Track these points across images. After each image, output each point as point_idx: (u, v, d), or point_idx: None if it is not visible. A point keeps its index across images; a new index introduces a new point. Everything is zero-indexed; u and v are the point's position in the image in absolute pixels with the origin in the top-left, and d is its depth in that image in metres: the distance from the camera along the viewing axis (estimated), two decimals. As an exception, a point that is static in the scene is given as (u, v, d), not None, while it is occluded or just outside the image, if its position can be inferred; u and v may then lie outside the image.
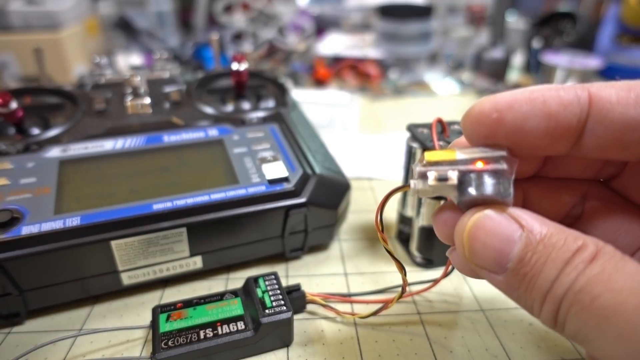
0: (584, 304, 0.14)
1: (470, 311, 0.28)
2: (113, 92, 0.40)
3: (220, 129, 0.35)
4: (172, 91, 0.40)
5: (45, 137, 0.33)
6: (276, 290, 0.26)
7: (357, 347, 0.26)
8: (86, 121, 0.35)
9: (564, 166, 0.20)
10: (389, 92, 0.75)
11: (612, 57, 0.86)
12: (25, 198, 0.28)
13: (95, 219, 0.26)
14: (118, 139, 0.33)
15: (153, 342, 0.23)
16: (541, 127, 0.16)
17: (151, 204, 0.28)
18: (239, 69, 0.38)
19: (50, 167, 0.30)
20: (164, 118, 0.36)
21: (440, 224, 0.18)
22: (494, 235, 0.15)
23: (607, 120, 0.16)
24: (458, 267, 0.19)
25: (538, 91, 0.16)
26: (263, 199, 0.29)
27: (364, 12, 1.00)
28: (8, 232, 0.25)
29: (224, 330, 0.24)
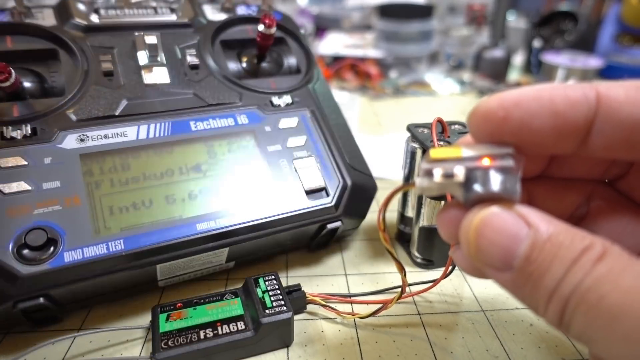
0: (591, 303, 0.13)
1: (470, 312, 0.28)
2: (117, 43, 0.32)
3: (250, 115, 0.32)
4: (188, 50, 0.34)
5: (52, 108, 0.28)
6: (276, 291, 0.26)
7: (357, 348, 0.25)
8: (96, 90, 0.30)
9: (570, 166, 0.20)
10: (389, 91, 0.75)
11: (613, 56, 0.86)
12: (56, 211, 0.25)
13: (140, 244, 0.25)
14: (140, 123, 0.29)
15: (153, 342, 0.23)
16: (548, 125, 0.16)
17: (194, 224, 0.27)
18: (267, 33, 0.34)
19: (72, 164, 0.26)
20: (186, 92, 0.32)
21: (445, 222, 0.18)
22: (501, 232, 0.15)
23: (615, 119, 0.16)
24: (462, 266, 0.18)
25: (545, 89, 0.16)
26: (303, 215, 0.29)
27: (364, 11, 0.99)
28: (50, 262, 0.23)
29: (224, 331, 0.24)
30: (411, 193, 0.32)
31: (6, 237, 0.23)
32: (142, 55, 0.32)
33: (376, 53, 0.82)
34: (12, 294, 0.22)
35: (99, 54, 0.31)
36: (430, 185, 0.16)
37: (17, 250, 0.23)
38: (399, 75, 0.81)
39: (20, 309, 0.23)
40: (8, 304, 0.23)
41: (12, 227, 0.23)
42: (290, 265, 0.32)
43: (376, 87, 0.76)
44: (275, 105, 0.33)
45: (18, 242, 0.23)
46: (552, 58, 0.78)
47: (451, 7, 0.94)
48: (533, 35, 0.88)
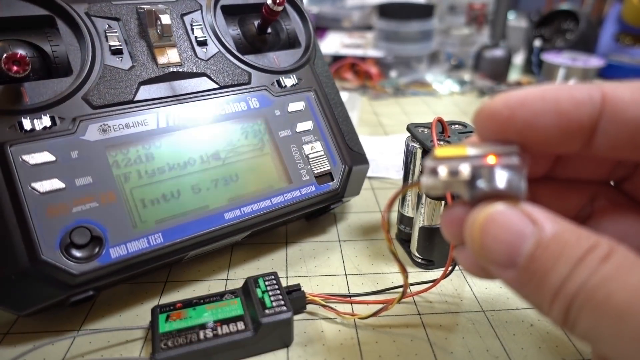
0: (598, 302, 0.13)
1: (471, 312, 0.28)
2: (120, 13, 0.30)
3: (260, 98, 0.32)
4: (194, 23, 0.32)
5: (65, 93, 0.26)
6: (276, 291, 0.26)
7: (357, 348, 0.25)
8: (108, 70, 0.28)
9: (574, 167, 0.20)
10: (390, 91, 0.75)
11: (613, 56, 0.86)
12: (93, 208, 0.25)
13: (176, 236, 0.26)
14: (159, 109, 0.28)
15: (153, 343, 0.23)
16: (553, 125, 0.16)
17: (222, 214, 0.28)
18: (275, 10, 0.32)
19: (99, 157, 0.26)
20: (198, 72, 0.31)
21: (449, 222, 0.18)
22: (506, 229, 0.15)
23: (620, 119, 0.16)
24: (465, 266, 0.18)
25: (551, 89, 0.16)
26: (313, 200, 0.32)
27: (364, 11, 0.99)
28: (99, 259, 0.24)
29: (223, 331, 0.24)
30: (411, 193, 0.32)
31: (52, 237, 0.23)
32: (153, 32, 0.30)
33: (376, 53, 0.82)
34: (66, 291, 0.23)
35: (104, 27, 0.29)
36: (435, 183, 0.16)
37: (65, 250, 0.23)
38: (399, 75, 0.81)
39: (72, 301, 0.24)
40: (62, 298, 0.24)
41: (55, 226, 0.23)
42: (290, 266, 0.32)
43: (376, 87, 0.75)
44: (282, 86, 0.34)
45: (64, 242, 0.23)
46: (552, 58, 0.78)
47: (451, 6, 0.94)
48: (534, 35, 0.88)
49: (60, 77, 0.27)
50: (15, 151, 0.24)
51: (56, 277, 0.23)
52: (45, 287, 0.23)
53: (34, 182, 0.24)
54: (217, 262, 0.33)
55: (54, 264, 0.23)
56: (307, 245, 0.35)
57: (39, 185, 0.24)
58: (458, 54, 0.90)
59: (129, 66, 0.29)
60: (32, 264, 0.22)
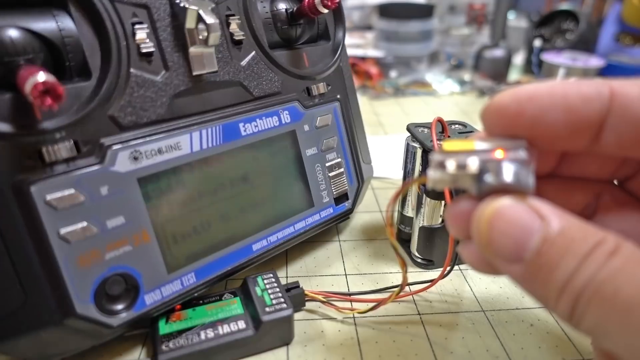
0: (605, 296, 0.13)
1: (471, 312, 0.28)
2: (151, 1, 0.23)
3: (292, 111, 0.30)
4: (232, 18, 0.27)
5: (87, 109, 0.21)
6: (275, 289, 0.26)
7: (357, 348, 0.25)
8: (136, 78, 0.23)
9: (579, 166, 0.20)
10: (390, 91, 0.75)
11: (613, 56, 0.86)
12: (127, 253, 0.22)
13: (208, 274, 0.26)
14: (192, 130, 0.25)
15: (153, 345, 0.23)
16: (561, 120, 0.16)
17: (250, 246, 0.28)
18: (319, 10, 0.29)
19: (131, 191, 0.22)
20: (232, 81, 0.27)
21: (454, 216, 0.18)
22: (513, 223, 0.15)
23: (628, 116, 0.16)
24: (470, 261, 0.18)
25: (559, 85, 0.16)
26: (329, 222, 0.32)
27: (364, 11, 0.99)
28: (134, 308, 0.23)
29: (224, 330, 0.24)
30: (411, 193, 0.32)
31: (86, 290, 0.21)
32: (193, 33, 0.24)
33: (376, 53, 0.82)
34: (99, 340, 0.23)
35: (130, 17, 0.23)
36: (442, 177, 0.16)
37: (100, 303, 0.22)
38: (399, 74, 0.81)
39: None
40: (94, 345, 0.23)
41: (89, 277, 0.21)
42: (290, 266, 0.32)
43: (376, 87, 0.75)
44: (312, 95, 0.31)
45: (99, 294, 0.21)
46: (552, 58, 0.78)
47: (451, 6, 0.94)
48: (534, 35, 0.88)
49: (76, 81, 0.21)
50: (37, 191, 0.19)
51: (90, 331, 0.22)
52: (76, 340, 0.22)
53: (62, 228, 0.20)
54: (217, 262, 0.33)
55: (88, 319, 0.21)
56: (307, 245, 0.35)
57: (68, 232, 0.20)
58: (458, 54, 0.90)
59: (160, 74, 0.24)
60: (64, 320, 0.21)
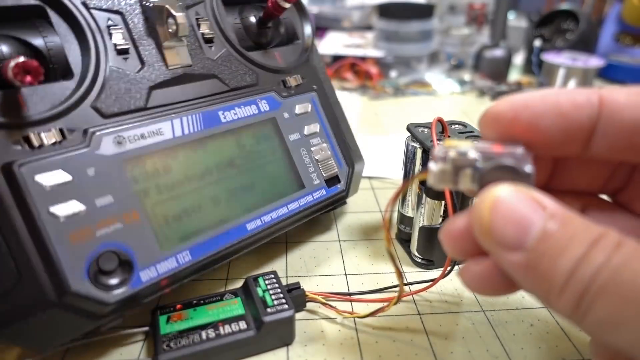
0: (619, 286, 0.13)
1: (471, 312, 0.28)
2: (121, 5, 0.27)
3: (269, 100, 0.31)
4: (200, 18, 0.30)
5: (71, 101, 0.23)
6: (276, 289, 0.26)
7: (357, 348, 0.25)
8: (114, 72, 0.25)
9: (571, 178, 0.20)
10: (390, 91, 0.75)
11: (613, 56, 0.86)
12: (118, 230, 0.23)
13: (203, 252, 0.26)
14: (172, 117, 0.26)
15: (154, 344, 0.23)
16: (555, 126, 0.17)
17: (244, 225, 0.28)
18: (283, 6, 0.31)
19: (117, 173, 0.23)
20: (208, 74, 0.29)
21: (450, 235, 0.18)
22: (516, 209, 0.15)
23: (617, 121, 0.17)
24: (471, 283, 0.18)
25: (552, 93, 0.17)
26: (324, 203, 0.32)
27: (364, 11, 0.99)
28: (131, 284, 0.22)
29: (226, 331, 0.24)
30: (411, 193, 0.32)
31: (80, 266, 0.21)
32: (164, 31, 0.27)
33: (376, 53, 0.82)
34: (98, 321, 0.22)
35: (106, 21, 0.26)
36: (444, 167, 0.17)
37: (95, 278, 0.22)
38: (399, 74, 0.81)
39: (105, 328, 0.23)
40: (92, 328, 0.23)
41: (81, 254, 0.21)
42: (290, 266, 0.32)
43: (376, 87, 0.75)
44: (288, 86, 0.33)
45: (92, 270, 0.22)
46: (552, 58, 0.78)
47: (451, 6, 0.94)
48: (534, 35, 0.88)
49: (60, 81, 0.24)
50: (26, 171, 0.21)
51: (87, 309, 0.21)
52: (75, 320, 0.21)
53: (51, 206, 0.21)
54: (218, 262, 0.33)
55: (84, 295, 0.21)
56: (307, 245, 0.35)
57: (58, 210, 0.21)
58: (458, 54, 0.90)
59: (137, 68, 0.26)
60: (60, 298, 0.20)
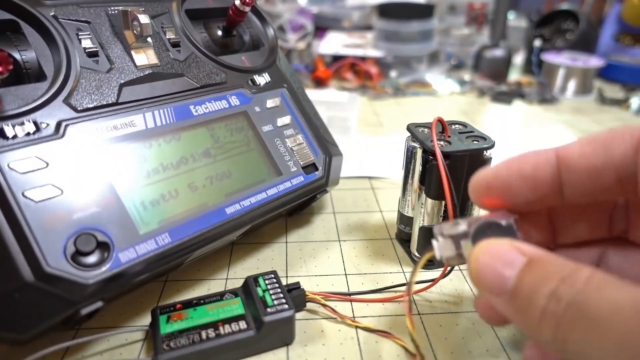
0: (582, 315, 0.15)
1: (471, 312, 0.28)
2: (89, 16, 0.29)
3: (239, 96, 0.33)
4: (165, 25, 0.32)
5: (45, 98, 0.24)
6: (277, 289, 0.26)
7: (357, 348, 0.25)
8: (85, 73, 0.27)
9: (572, 230, 0.23)
10: (390, 91, 0.75)
11: (613, 56, 0.86)
12: (94, 214, 0.23)
13: (182, 235, 0.26)
14: (144, 110, 0.28)
15: (154, 344, 0.23)
16: (523, 187, 0.20)
17: (223, 209, 0.28)
18: (243, 10, 0.34)
19: (92, 161, 0.25)
20: (176, 74, 0.31)
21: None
22: (496, 257, 0.18)
23: (576, 170, 0.19)
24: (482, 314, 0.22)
25: (515, 160, 0.21)
26: (304, 189, 0.33)
27: (364, 11, 0.99)
28: (109, 264, 0.22)
29: (225, 330, 0.24)
30: (410, 192, 0.32)
31: (56, 247, 0.21)
32: (130, 34, 0.29)
33: (376, 53, 0.82)
34: (76, 304, 0.22)
35: (75, 30, 0.28)
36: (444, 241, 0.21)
37: (72, 259, 0.22)
38: (399, 74, 0.81)
39: (82, 314, 0.22)
40: (71, 311, 0.22)
41: (57, 235, 0.22)
42: (290, 266, 0.32)
43: (376, 87, 0.76)
44: (257, 84, 0.35)
45: (70, 250, 0.22)
46: (552, 58, 0.78)
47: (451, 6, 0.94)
48: (533, 35, 0.88)
49: (32, 82, 0.25)
50: (1, 159, 0.22)
51: (66, 289, 0.21)
52: (54, 301, 0.21)
53: (27, 190, 0.22)
54: (217, 262, 0.33)
55: (61, 275, 0.21)
56: (307, 245, 0.35)
57: (33, 193, 0.22)
58: (458, 54, 0.90)
59: (107, 68, 0.28)
60: (38, 277, 0.21)
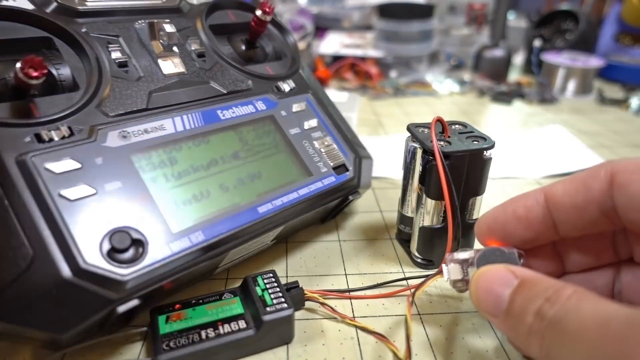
0: (559, 331, 0.17)
1: (471, 312, 0.28)
2: (118, 30, 0.30)
3: (265, 101, 0.34)
4: (190, 38, 0.34)
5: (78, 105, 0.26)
6: (275, 288, 0.26)
7: (357, 347, 0.25)
8: (116, 82, 0.28)
9: (579, 259, 0.24)
10: (389, 91, 0.75)
11: (613, 56, 0.86)
12: (128, 212, 0.24)
13: (216, 233, 0.26)
14: (173, 115, 0.29)
15: (154, 344, 0.23)
16: (519, 227, 0.23)
17: (255, 208, 0.28)
18: (264, 19, 0.35)
19: (124, 162, 0.25)
20: (202, 81, 0.32)
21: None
22: (493, 282, 0.20)
23: (562, 208, 0.22)
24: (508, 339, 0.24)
25: (508, 204, 0.23)
26: (335, 189, 0.33)
27: (364, 11, 0.99)
28: (143, 260, 0.23)
29: (225, 330, 0.24)
30: (410, 192, 0.32)
31: (92, 244, 0.22)
32: (157, 44, 0.31)
33: (376, 53, 0.82)
34: (114, 299, 0.22)
35: (105, 43, 0.29)
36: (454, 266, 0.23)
37: (108, 255, 0.22)
38: (399, 75, 0.81)
39: (119, 313, 0.22)
40: (108, 309, 0.22)
41: (92, 233, 0.22)
42: (290, 265, 0.32)
43: (376, 87, 0.76)
44: (281, 90, 0.35)
45: (105, 247, 0.22)
46: (552, 58, 0.78)
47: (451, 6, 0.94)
48: (533, 35, 0.88)
49: (66, 92, 0.27)
50: (37, 161, 0.23)
51: (102, 285, 0.21)
52: (91, 299, 0.21)
53: (62, 189, 0.22)
54: (217, 262, 0.33)
55: (97, 272, 0.21)
56: (307, 245, 0.35)
57: (68, 192, 0.23)
58: (458, 54, 0.90)
59: (136, 77, 0.29)
60: (75, 273, 0.21)
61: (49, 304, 0.21)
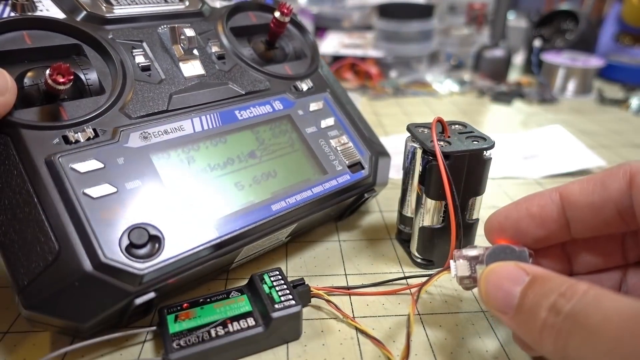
0: (579, 325, 0.16)
1: (470, 312, 0.28)
2: (142, 36, 0.32)
3: (283, 101, 0.35)
4: (210, 40, 0.34)
5: (103, 108, 0.27)
6: (282, 285, 0.26)
7: (357, 348, 0.25)
8: (139, 85, 0.30)
9: (588, 260, 0.24)
10: (390, 91, 0.75)
11: (613, 56, 0.86)
12: (146, 209, 0.25)
13: (230, 230, 0.27)
14: (192, 116, 0.30)
15: (164, 343, 0.23)
16: (532, 225, 0.23)
17: (269, 206, 0.29)
18: (283, 21, 0.36)
19: (145, 162, 0.27)
20: (221, 82, 0.33)
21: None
22: (503, 278, 0.20)
23: (578, 207, 0.22)
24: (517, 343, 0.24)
25: (522, 202, 0.23)
26: (350, 187, 0.33)
27: (364, 11, 0.99)
28: (159, 255, 0.24)
29: (234, 328, 0.24)
30: (410, 192, 0.32)
31: (112, 239, 0.23)
32: (178, 48, 0.32)
33: (376, 53, 0.82)
34: (131, 291, 0.23)
35: (130, 48, 0.31)
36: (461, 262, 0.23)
37: (126, 250, 0.23)
38: (399, 75, 0.81)
39: (136, 305, 0.24)
40: (126, 301, 0.23)
41: (113, 229, 0.24)
42: (290, 265, 0.33)
43: (376, 87, 0.76)
44: (299, 89, 0.36)
45: (124, 243, 0.23)
46: (552, 58, 0.78)
47: (451, 6, 0.94)
48: (533, 35, 0.88)
49: (93, 96, 0.28)
50: (64, 161, 0.24)
51: (120, 278, 0.23)
52: (110, 291, 0.23)
53: (86, 188, 0.24)
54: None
55: (116, 266, 0.23)
56: (307, 246, 0.35)
57: (91, 191, 0.24)
58: (458, 54, 0.90)
59: (158, 80, 0.31)
60: (96, 267, 0.22)
61: (72, 295, 0.22)
